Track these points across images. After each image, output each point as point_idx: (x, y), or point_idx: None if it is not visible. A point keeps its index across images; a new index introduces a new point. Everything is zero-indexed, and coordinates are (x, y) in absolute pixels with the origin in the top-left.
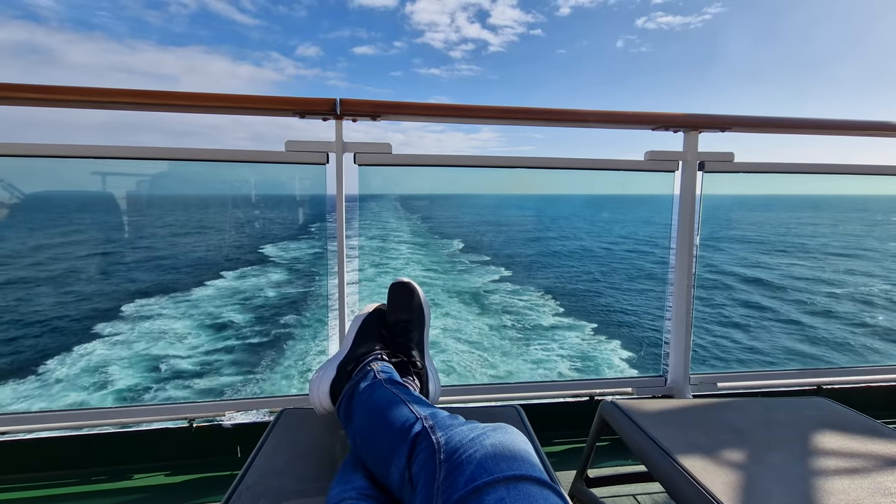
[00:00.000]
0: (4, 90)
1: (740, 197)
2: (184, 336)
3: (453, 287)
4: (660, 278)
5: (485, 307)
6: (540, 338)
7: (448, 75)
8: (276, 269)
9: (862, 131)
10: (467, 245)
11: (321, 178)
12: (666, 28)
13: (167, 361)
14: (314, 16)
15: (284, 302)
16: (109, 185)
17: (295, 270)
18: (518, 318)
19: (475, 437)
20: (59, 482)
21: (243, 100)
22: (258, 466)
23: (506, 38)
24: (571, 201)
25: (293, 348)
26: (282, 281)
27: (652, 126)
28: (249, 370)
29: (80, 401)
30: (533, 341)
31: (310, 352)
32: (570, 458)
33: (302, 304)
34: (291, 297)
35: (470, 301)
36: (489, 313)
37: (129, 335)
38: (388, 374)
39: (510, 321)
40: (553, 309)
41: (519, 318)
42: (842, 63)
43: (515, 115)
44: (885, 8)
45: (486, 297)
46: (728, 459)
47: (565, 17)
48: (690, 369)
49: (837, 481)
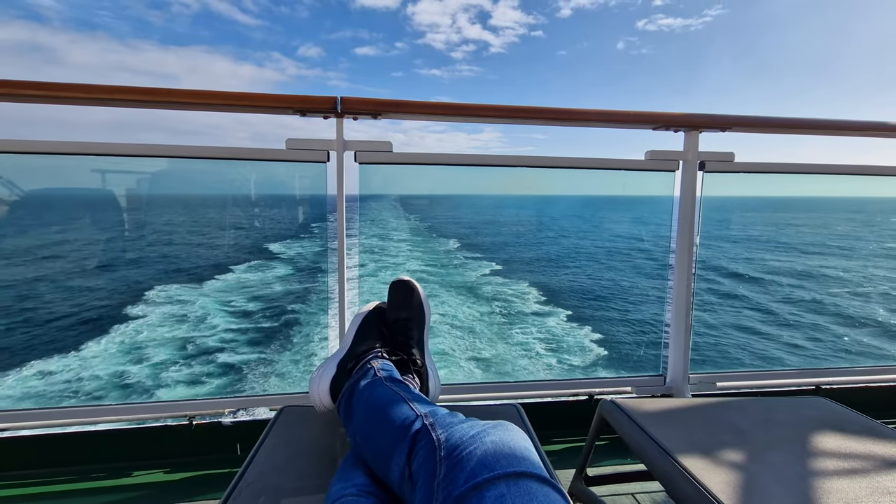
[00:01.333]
0: (6, 87)
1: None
2: (203, 318)
3: (451, 282)
4: (659, 277)
5: (478, 297)
6: (522, 323)
7: (449, 76)
8: (277, 267)
9: (862, 132)
10: (465, 243)
11: (322, 177)
12: (666, 30)
13: (193, 341)
14: (316, 16)
15: (285, 300)
16: (115, 184)
17: (295, 270)
18: (505, 304)
19: (475, 434)
20: (60, 479)
21: (244, 97)
22: (258, 464)
23: (507, 40)
24: (571, 201)
25: (293, 346)
26: (282, 279)
27: (652, 125)
28: (250, 368)
29: (119, 370)
30: (515, 325)
31: (310, 349)
32: (569, 457)
33: (302, 303)
34: (292, 295)
35: (465, 293)
36: (481, 301)
37: (154, 318)
38: (389, 372)
39: (498, 308)
40: (535, 297)
41: (505, 304)
42: (842, 63)
43: (517, 113)
44: (883, 9)
45: (479, 289)
46: (727, 458)
47: (566, 19)
48: (689, 369)
49: (836, 481)
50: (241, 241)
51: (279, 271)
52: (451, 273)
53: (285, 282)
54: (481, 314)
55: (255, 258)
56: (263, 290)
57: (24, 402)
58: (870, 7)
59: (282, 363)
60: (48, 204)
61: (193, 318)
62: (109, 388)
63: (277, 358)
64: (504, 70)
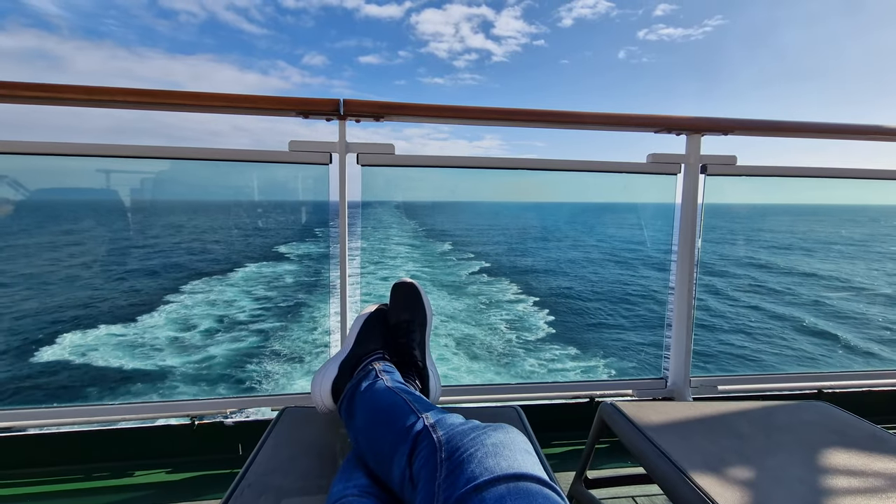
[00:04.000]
0: (6, 88)
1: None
2: (232, 301)
3: (449, 282)
4: (660, 279)
5: (467, 295)
6: (499, 309)
7: (451, 84)
8: (280, 266)
9: (864, 135)
10: (463, 247)
11: (324, 181)
12: (667, 39)
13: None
14: (321, 25)
15: (287, 301)
16: (126, 185)
17: (297, 273)
18: (491, 298)
19: (476, 436)
20: (61, 478)
21: (246, 99)
22: (259, 464)
23: (509, 49)
24: (572, 208)
25: (295, 346)
26: (283, 282)
27: (655, 129)
28: (251, 369)
29: (171, 336)
30: (494, 313)
31: (312, 350)
32: (569, 460)
33: (304, 304)
34: (293, 296)
35: (453, 291)
36: (468, 296)
37: (191, 300)
38: (390, 374)
39: (482, 301)
40: (515, 294)
41: (494, 300)
42: (842, 71)
43: (518, 116)
44: (882, 16)
45: (466, 287)
46: (728, 463)
47: (568, 29)
48: (691, 372)
49: (837, 485)
50: (255, 240)
51: (278, 275)
52: (443, 274)
53: (286, 284)
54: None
55: (265, 259)
56: (265, 293)
57: (111, 341)
58: (871, 16)
59: (284, 364)
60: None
61: (221, 303)
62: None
63: (279, 359)
64: (506, 78)
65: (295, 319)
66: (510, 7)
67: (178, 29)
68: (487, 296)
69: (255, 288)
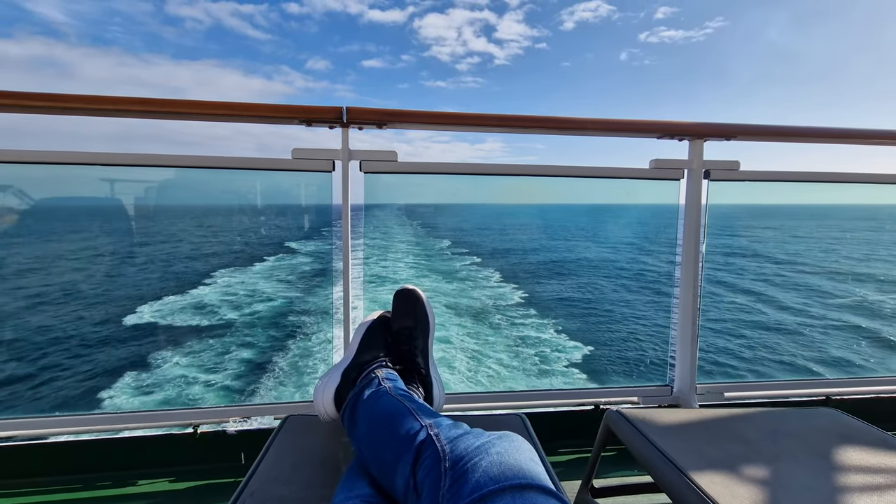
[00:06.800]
0: (13, 98)
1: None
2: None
3: (455, 292)
4: (666, 287)
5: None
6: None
7: (454, 87)
8: (278, 276)
9: (867, 140)
10: (465, 248)
11: (327, 187)
12: (668, 42)
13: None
14: (325, 31)
15: (289, 309)
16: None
17: (298, 278)
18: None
19: (480, 445)
20: (64, 488)
21: (249, 108)
22: (262, 473)
23: (511, 52)
24: (574, 210)
25: (298, 355)
26: (285, 289)
27: (657, 134)
28: (253, 379)
29: (199, 324)
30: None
31: (314, 358)
32: (575, 468)
33: (306, 312)
34: (296, 305)
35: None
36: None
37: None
38: (393, 382)
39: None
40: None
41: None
42: (843, 73)
43: (521, 122)
44: (883, 18)
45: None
46: (735, 470)
47: (570, 32)
48: (697, 379)
49: (846, 493)
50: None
51: (279, 281)
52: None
53: (286, 288)
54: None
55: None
56: (264, 300)
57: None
58: (879, 15)
59: (286, 372)
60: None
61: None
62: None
63: (281, 367)
64: (508, 81)
65: (297, 326)
66: (512, 11)
67: (183, 35)
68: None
69: (261, 290)
